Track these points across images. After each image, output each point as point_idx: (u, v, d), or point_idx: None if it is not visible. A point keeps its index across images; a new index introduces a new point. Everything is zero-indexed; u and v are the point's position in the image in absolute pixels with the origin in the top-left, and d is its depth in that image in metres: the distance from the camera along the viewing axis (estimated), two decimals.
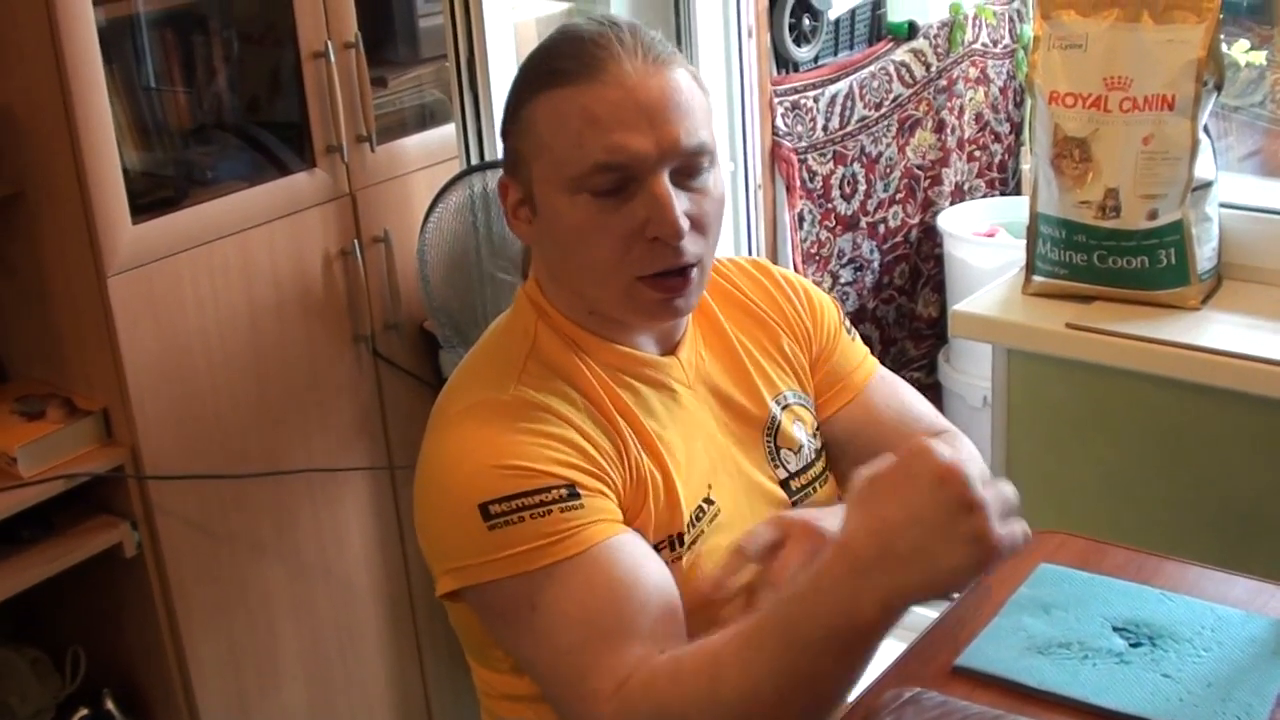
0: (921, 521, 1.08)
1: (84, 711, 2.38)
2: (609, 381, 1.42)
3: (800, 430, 1.55)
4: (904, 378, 1.70)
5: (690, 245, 1.35)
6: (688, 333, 1.50)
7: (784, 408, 1.54)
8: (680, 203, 1.33)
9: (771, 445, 1.53)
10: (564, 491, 1.31)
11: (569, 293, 1.42)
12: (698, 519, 1.44)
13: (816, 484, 1.56)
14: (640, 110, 1.31)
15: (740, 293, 1.58)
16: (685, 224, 1.33)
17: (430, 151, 2.65)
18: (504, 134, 1.41)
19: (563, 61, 1.34)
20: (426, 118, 2.74)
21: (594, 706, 1.26)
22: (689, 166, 1.35)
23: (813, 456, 1.56)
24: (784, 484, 1.53)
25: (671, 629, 1.31)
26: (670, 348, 1.48)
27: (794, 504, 1.52)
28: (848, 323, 1.65)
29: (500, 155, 1.43)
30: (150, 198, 2.30)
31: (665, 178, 1.33)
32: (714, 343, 1.53)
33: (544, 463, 1.32)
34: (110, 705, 2.40)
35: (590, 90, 1.31)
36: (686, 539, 1.42)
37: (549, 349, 1.42)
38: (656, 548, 1.39)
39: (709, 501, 1.45)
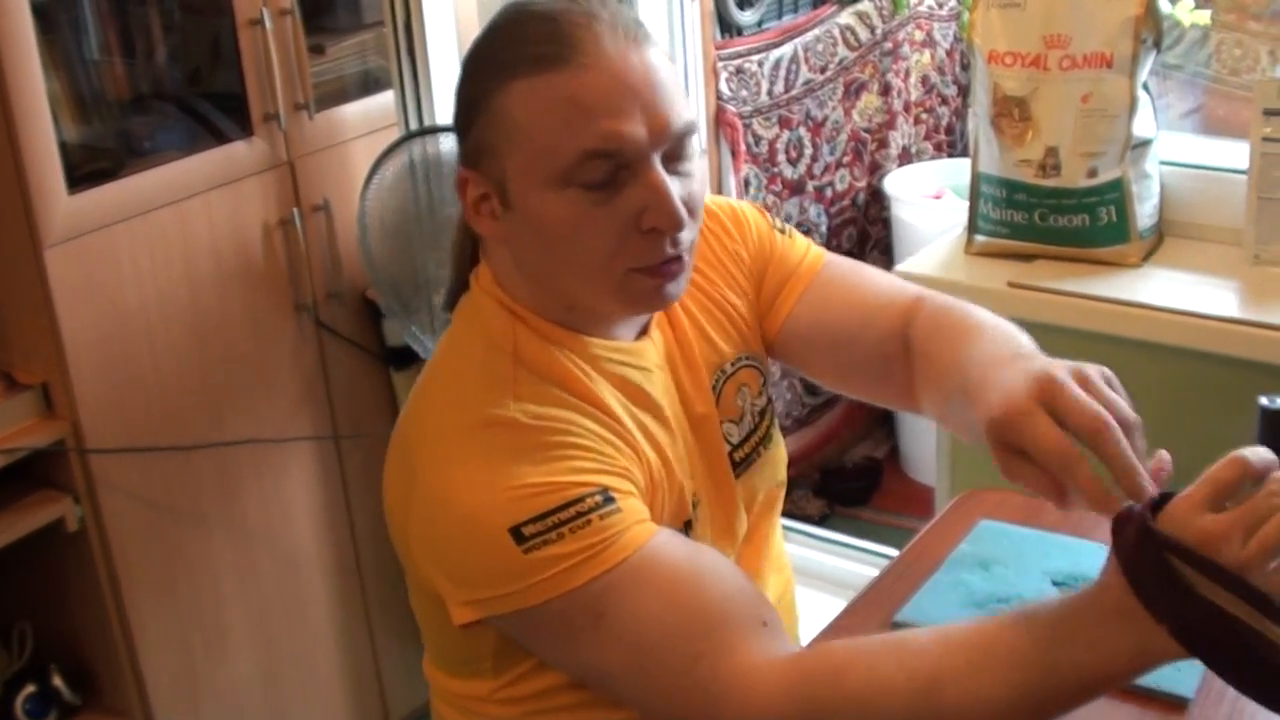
0: None
1: (31, 688, 2.36)
2: (597, 377, 1.34)
3: (743, 396, 1.51)
4: None
5: (685, 233, 1.28)
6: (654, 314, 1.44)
7: (727, 377, 1.49)
8: (675, 188, 1.26)
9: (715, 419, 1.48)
10: (599, 498, 1.22)
11: (544, 290, 1.33)
12: (695, 506, 1.40)
13: (761, 447, 1.52)
14: (630, 93, 1.22)
15: None
16: (684, 212, 1.25)
17: (370, 119, 2.63)
18: (463, 124, 1.30)
19: (537, 46, 1.23)
20: (370, 84, 2.72)
21: (715, 688, 1.19)
22: (677, 149, 1.26)
23: (755, 420, 1.52)
24: (728, 457, 1.48)
25: (763, 607, 1.26)
26: (642, 331, 1.42)
27: (737, 478, 1.48)
28: (779, 223, 1.57)
29: (457, 145, 1.33)
30: (88, 169, 2.28)
31: (658, 164, 1.24)
32: (662, 319, 1.45)
33: (570, 474, 1.23)
34: (58, 681, 2.39)
35: (575, 75, 1.21)
36: (690, 532, 1.39)
37: (532, 353, 1.32)
38: None
39: (694, 493, 1.42)
